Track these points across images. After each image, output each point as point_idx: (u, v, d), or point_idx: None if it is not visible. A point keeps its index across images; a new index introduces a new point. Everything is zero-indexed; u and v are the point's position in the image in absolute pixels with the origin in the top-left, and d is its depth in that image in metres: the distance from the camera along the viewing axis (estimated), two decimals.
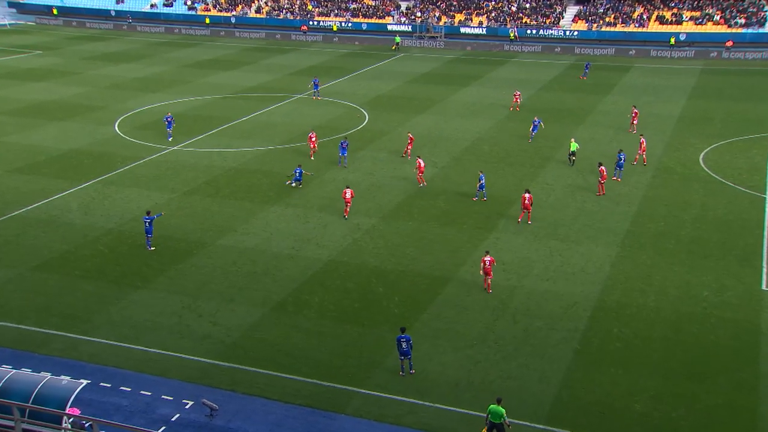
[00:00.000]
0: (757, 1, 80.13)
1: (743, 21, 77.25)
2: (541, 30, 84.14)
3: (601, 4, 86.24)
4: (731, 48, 74.28)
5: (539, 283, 29.13)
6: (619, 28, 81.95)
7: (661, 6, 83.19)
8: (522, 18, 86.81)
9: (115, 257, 31.92)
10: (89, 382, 21.76)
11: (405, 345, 23.13)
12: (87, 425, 19.38)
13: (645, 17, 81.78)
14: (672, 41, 76.70)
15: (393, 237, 33.65)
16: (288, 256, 31.85)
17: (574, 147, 42.88)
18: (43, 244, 33.15)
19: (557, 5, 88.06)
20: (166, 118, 48.71)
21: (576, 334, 25.52)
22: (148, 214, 32.78)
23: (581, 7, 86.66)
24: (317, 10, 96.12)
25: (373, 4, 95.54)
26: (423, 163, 39.60)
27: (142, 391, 22.57)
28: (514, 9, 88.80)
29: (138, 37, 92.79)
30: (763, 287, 28.25)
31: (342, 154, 43.08)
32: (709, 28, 78.44)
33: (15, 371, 19.22)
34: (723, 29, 77.49)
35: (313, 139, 44.57)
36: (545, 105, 56.72)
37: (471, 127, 50.97)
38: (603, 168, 37.82)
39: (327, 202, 37.83)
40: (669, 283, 28.79)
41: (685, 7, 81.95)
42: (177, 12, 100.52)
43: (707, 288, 28.35)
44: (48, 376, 18.91)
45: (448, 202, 37.78)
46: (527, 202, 34.19)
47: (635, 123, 48.49)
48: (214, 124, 52.50)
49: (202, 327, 26.30)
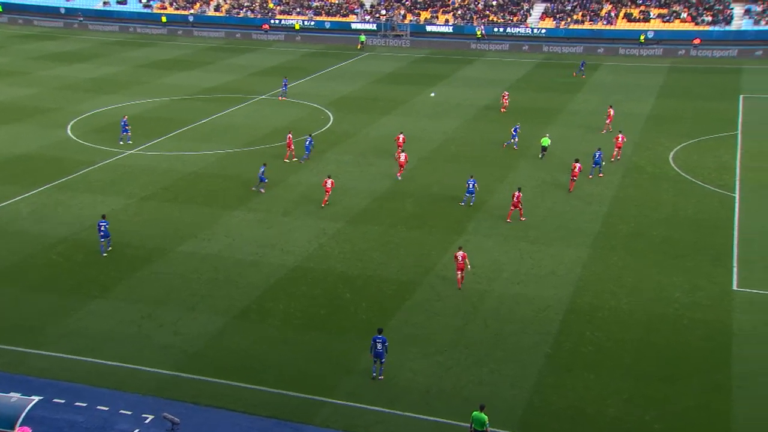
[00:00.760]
0: None
1: (710, 19, 78.95)
2: (509, 28, 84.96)
3: (569, 1, 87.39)
4: (699, 46, 75.84)
5: (510, 287, 29.39)
6: (587, 25, 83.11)
7: (629, 3, 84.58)
8: (489, 16, 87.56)
9: (70, 266, 31.41)
10: (41, 398, 21.39)
11: (380, 346, 23.28)
12: None
13: (613, 15, 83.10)
14: (642, 39, 78.01)
15: (360, 241, 33.68)
16: (251, 262, 31.67)
17: (546, 142, 44.09)
18: None
19: (524, 3, 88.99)
20: (123, 122, 48.17)
21: (548, 337, 25.80)
22: (103, 218, 32.60)
23: (548, 5, 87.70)
24: (278, 8, 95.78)
25: (337, 2, 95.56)
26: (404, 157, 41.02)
27: (98, 406, 22.23)
28: (480, 6, 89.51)
29: (90, 36, 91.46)
30: (735, 287, 28.88)
31: (307, 151, 44.09)
32: (677, 25, 79.99)
33: None
34: (690, 27, 79.11)
35: (289, 141, 44.71)
36: (514, 104, 57.24)
37: (438, 128, 51.26)
38: (577, 164, 38.49)
39: (291, 206, 37.71)
40: (641, 285, 29.27)
41: (653, 5, 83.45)
42: (131, 10, 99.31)
43: (679, 289, 28.89)
44: None
45: (416, 204, 37.92)
46: (515, 200, 34.91)
47: (609, 123, 49.19)
48: (172, 126, 51.99)
49: (162, 337, 26.01)
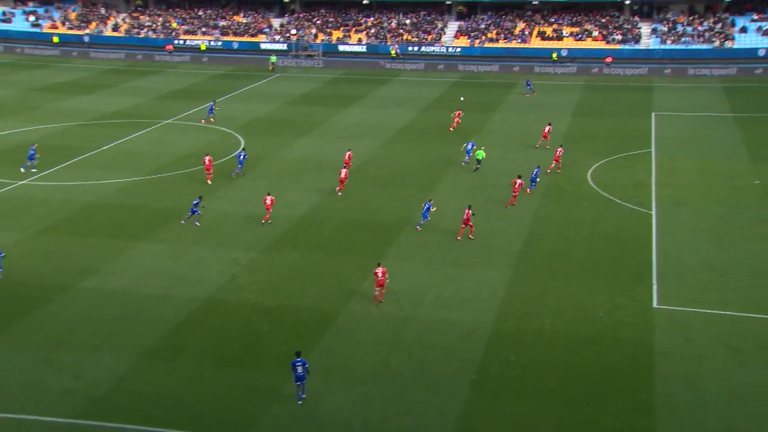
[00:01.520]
0: (631, 18, 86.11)
1: (620, 37, 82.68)
2: (423, 47, 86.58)
3: (482, 19, 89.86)
4: (611, 64, 79.21)
5: (433, 312, 29.62)
6: (502, 44, 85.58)
7: (542, 22, 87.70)
8: (403, 34, 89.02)
9: None
10: None
11: (301, 369, 23.20)
12: None
13: (527, 33, 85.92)
14: (554, 57, 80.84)
15: (276, 270, 33.33)
16: (160, 296, 30.85)
17: (481, 155, 46.05)
18: None
19: (438, 21, 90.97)
20: (32, 149, 46.55)
21: (473, 363, 26.08)
22: None
23: (462, 23, 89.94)
24: (182, 28, 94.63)
25: (244, 21, 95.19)
26: (345, 172, 42.48)
27: None
28: (394, 25, 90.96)
29: None
30: (655, 305, 30.00)
31: (240, 165, 45.63)
32: (589, 44, 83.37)
33: None
34: (602, 45, 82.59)
35: (207, 164, 44.52)
36: (431, 124, 58.19)
37: (355, 150, 51.46)
38: (518, 180, 40.01)
39: (202, 235, 37.03)
40: (564, 305, 30.04)
41: (565, 23, 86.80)
42: (18, 29, 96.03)
43: (602, 308, 29.78)
44: None
45: (334, 229, 37.88)
46: (465, 217, 35.79)
47: (545, 140, 51.04)
48: (70, 154, 50.33)
49: (62, 382, 24.92)
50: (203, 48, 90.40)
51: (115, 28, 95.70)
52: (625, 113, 61.33)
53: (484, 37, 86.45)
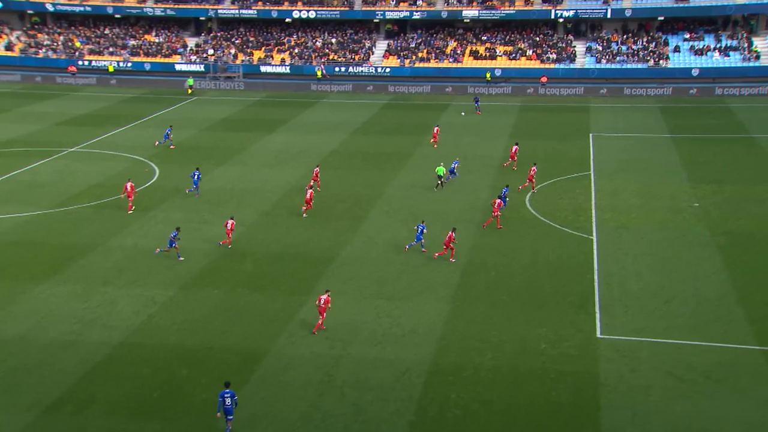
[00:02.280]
0: (565, 37, 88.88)
1: (554, 56, 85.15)
2: (351, 67, 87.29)
3: (412, 38, 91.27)
4: (546, 84, 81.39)
5: (367, 350, 29.55)
6: (433, 64, 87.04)
7: (474, 40, 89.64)
8: (329, 54, 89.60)
9: None
10: None
11: (229, 401, 23.04)
12: None
13: (459, 52, 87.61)
14: (488, 77, 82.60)
15: (196, 309, 32.77)
16: (65, 343, 29.88)
17: (440, 171, 48.18)
18: None
19: (366, 40, 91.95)
20: None
21: (411, 404, 26.07)
22: None
23: (391, 42, 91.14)
24: (87, 47, 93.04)
25: (156, 40, 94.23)
26: (310, 193, 43.78)
27: None
28: (319, 45, 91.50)
29: None
30: (599, 335, 30.64)
31: (195, 185, 47.11)
32: (523, 63, 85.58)
33: None
34: (536, 65, 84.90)
35: (129, 191, 44.29)
36: (361, 149, 58.50)
37: (280, 178, 51.30)
38: (497, 201, 41.68)
39: (113, 274, 36.18)
40: (505, 339, 30.38)
41: (498, 42, 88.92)
42: None
43: (545, 340, 30.23)
44: None
45: (258, 264, 37.53)
46: (447, 239, 37.30)
47: (513, 160, 52.86)
48: None
49: None
50: (111, 69, 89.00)
51: (8, 46, 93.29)
52: (563, 135, 62.95)
53: (414, 57, 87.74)
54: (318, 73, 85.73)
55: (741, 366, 28.15)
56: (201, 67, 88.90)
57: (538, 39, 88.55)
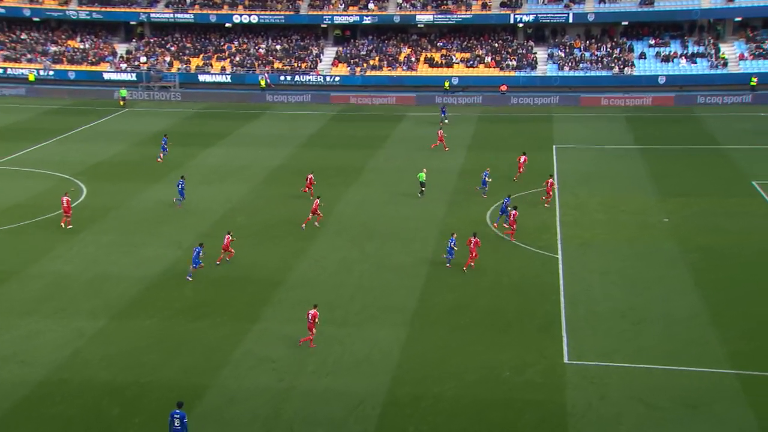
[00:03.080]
0: (525, 42, 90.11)
1: (514, 63, 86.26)
2: (297, 76, 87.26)
3: (363, 44, 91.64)
4: (506, 92, 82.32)
5: (317, 381, 29.35)
6: (386, 72, 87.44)
7: (429, 47, 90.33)
8: (273, 62, 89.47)
9: None
10: None
11: (178, 423, 22.94)
12: None
13: (413, 59, 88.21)
14: (446, 85, 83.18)
15: (129, 341, 32.24)
16: None
17: (422, 177, 49.94)
18: None
19: (313, 47, 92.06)
20: None
21: None
22: None
23: (341, 49, 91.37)
24: (2, 53, 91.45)
25: (82, 47, 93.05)
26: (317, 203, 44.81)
27: None
28: (262, 52, 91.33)
29: None
30: (566, 360, 30.87)
31: (180, 193, 48.31)
32: (482, 71, 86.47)
33: None
34: (495, 72, 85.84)
35: (65, 205, 44.21)
36: (309, 163, 58.37)
37: (220, 196, 50.91)
38: (514, 212, 42.84)
39: (33, 304, 35.49)
40: (467, 366, 30.42)
41: (455, 48, 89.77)
42: None
43: (508, 367, 30.36)
44: None
45: (198, 289, 37.13)
46: (472, 245, 38.44)
47: (520, 172, 54.02)
48: None
49: None
50: (32, 78, 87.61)
51: None
52: (525, 146, 63.48)
53: (365, 65, 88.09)
54: (262, 83, 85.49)
55: (715, 391, 28.59)
56: (133, 76, 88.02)
57: (497, 45, 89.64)
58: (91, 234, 44.10)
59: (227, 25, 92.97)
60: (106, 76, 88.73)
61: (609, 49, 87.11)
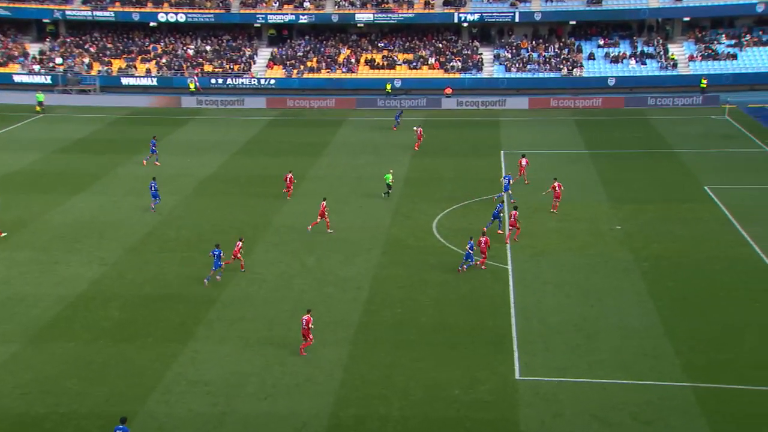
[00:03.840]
0: (471, 43, 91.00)
1: (459, 65, 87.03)
2: (229, 79, 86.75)
3: (299, 45, 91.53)
4: (451, 95, 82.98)
5: (255, 405, 29.11)
6: (324, 74, 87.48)
7: (370, 48, 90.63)
8: (203, 64, 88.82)
9: None
10: None
11: None
12: None
13: (353, 61, 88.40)
14: (388, 88, 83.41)
15: (46, 367, 31.60)
16: None
17: (389, 178, 52.17)
18: None
19: (246, 48, 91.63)
20: None
21: None
22: None
23: (276, 50, 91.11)
24: None
25: None
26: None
27: None
28: (191, 53, 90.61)
29: None
30: (517, 376, 31.10)
31: (154, 198, 49.13)
32: (425, 72, 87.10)
33: None
34: (440, 74, 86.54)
35: None
36: (243, 172, 58.03)
37: (148, 207, 50.25)
38: (515, 212, 44.62)
39: None
40: (414, 385, 30.45)
41: (396, 49, 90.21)
42: None
43: (458, 385, 30.46)
44: None
45: (124, 309, 36.59)
46: (483, 245, 40.41)
47: (523, 174, 54.94)
48: None
49: None
50: None
51: None
52: (471, 152, 64.19)
53: (302, 67, 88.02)
54: (191, 86, 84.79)
55: (670, 405, 29.06)
56: (48, 79, 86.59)
57: (441, 46, 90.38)
58: (4, 251, 43.16)
59: (152, 24, 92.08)
60: (16, 78, 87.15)
61: (557, 50, 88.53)
